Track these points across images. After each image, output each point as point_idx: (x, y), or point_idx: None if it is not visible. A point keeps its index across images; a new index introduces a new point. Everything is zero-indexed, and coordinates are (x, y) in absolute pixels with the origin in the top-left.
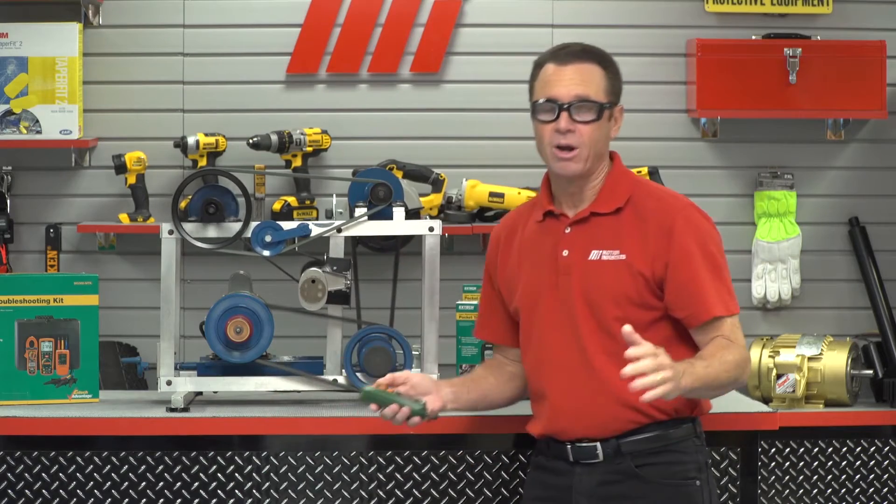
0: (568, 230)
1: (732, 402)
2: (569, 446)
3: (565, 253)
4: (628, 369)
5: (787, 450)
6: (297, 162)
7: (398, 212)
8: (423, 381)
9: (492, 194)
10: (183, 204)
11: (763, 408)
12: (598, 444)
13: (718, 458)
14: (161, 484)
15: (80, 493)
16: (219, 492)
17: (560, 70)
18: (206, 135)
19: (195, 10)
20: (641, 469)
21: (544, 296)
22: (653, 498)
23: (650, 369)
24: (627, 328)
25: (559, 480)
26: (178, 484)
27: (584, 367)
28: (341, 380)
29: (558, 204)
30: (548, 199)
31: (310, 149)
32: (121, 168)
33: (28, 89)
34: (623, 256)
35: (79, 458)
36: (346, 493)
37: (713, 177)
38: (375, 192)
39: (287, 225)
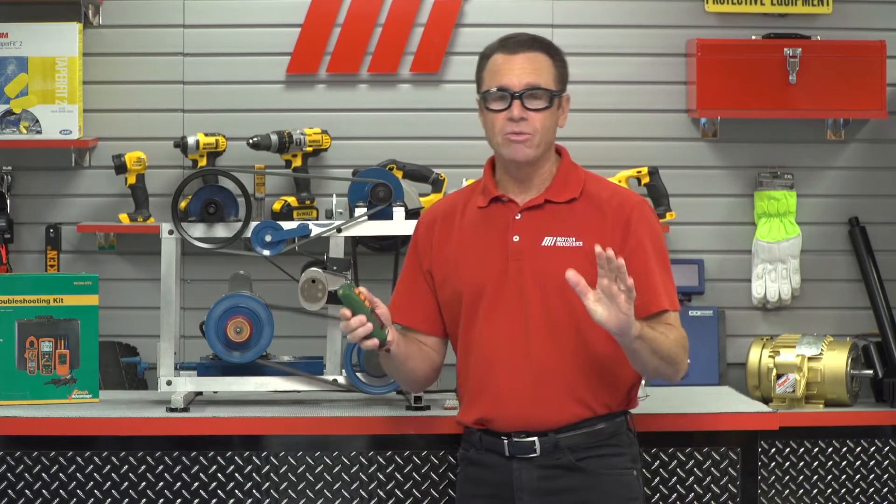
0: (518, 216)
1: (732, 403)
2: (505, 440)
3: (516, 238)
4: (574, 274)
5: (787, 450)
6: (297, 162)
7: (398, 212)
8: (388, 316)
9: None
10: (183, 204)
11: (763, 408)
12: (536, 438)
13: (718, 458)
14: (161, 484)
15: (80, 493)
16: (219, 492)
17: (510, 59)
18: (206, 135)
19: (195, 10)
20: (583, 462)
21: (491, 281)
22: (597, 489)
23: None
24: (571, 271)
25: (495, 476)
26: (178, 484)
27: (529, 355)
28: (341, 380)
29: (504, 190)
30: (493, 185)
31: (310, 149)
32: (121, 168)
33: (28, 89)
34: (580, 244)
35: (79, 458)
36: (346, 493)
37: (713, 177)
38: (375, 192)
39: (287, 225)
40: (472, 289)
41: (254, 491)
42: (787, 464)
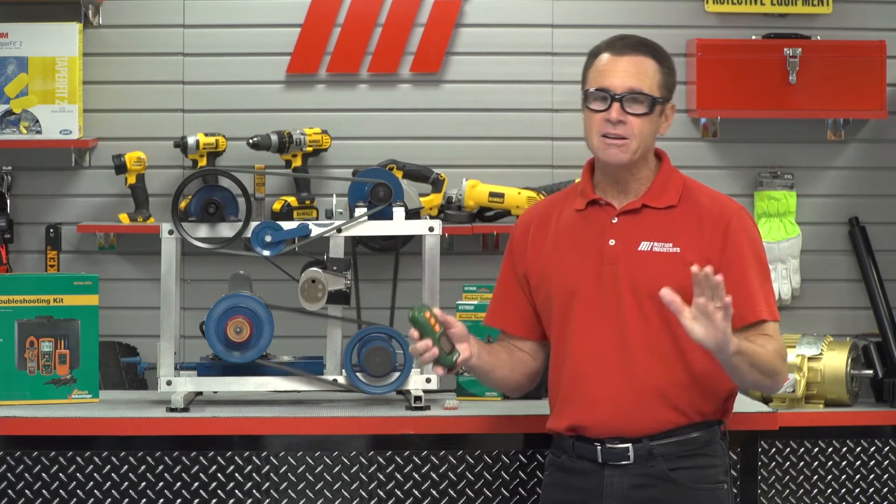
0: (615, 220)
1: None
2: (598, 447)
3: (612, 242)
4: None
5: (787, 450)
6: (297, 162)
7: (398, 212)
8: (464, 332)
9: (492, 194)
10: (183, 204)
11: (763, 408)
12: (630, 445)
13: None
14: (161, 484)
15: (80, 493)
16: (219, 492)
17: (615, 60)
18: (206, 135)
19: (195, 10)
20: (674, 472)
21: (585, 284)
22: (686, 502)
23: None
24: (666, 290)
25: (586, 482)
26: (178, 484)
27: (624, 360)
28: (341, 380)
29: (602, 193)
30: (591, 189)
31: (310, 149)
32: (121, 168)
33: (28, 89)
34: (677, 249)
35: (79, 458)
36: (346, 493)
37: (713, 177)
38: (375, 192)
39: (287, 225)
40: (565, 292)
41: (254, 491)
42: (787, 464)
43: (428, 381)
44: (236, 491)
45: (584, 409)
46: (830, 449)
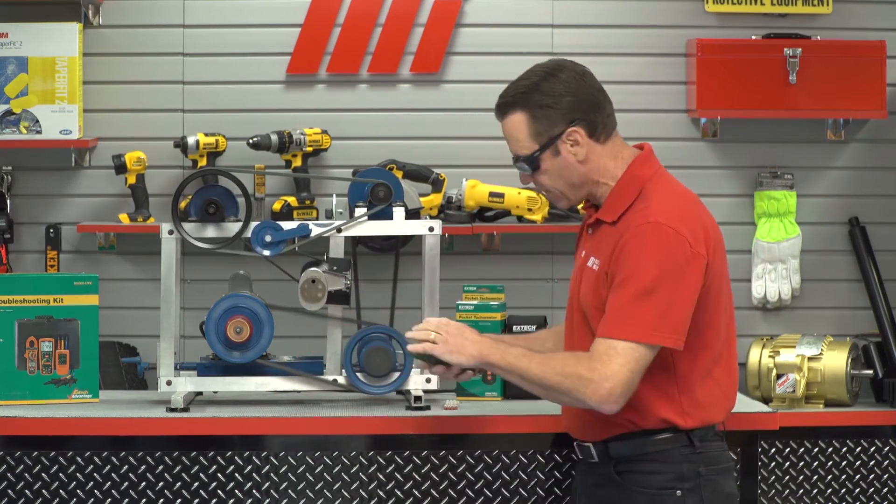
0: (590, 231)
1: None
2: (575, 444)
3: (583, 255)
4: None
5: (787, 450)
6: (297, 162)
7: (398, 212)
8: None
9: (492, 194)
10: (183, 204)
11: (763, 408)
12: (591, 444)
13: None
14: (161, 484)
15: (81, 493)
16: (219, 492)
17: (502, 128)
18: (206, 135)
19: (195, 10)
20: (621, 476)
21: (571, 297)
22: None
23: (422, 331)
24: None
25: (577, 478)
26: (178, 484)
27: None
28: (341, 380)
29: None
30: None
31: (310, 149)
32: (121, 168)
33: (28, 89)
34: (596, 266)
35: (79, 458)
36: (346, 493)
37: (713, 177)
38: (375, 192)
39: (287, 225)
40: (568, 305)
41: (254, 491)
42: (787, 464)
43: (428, 381)
44: (236, 491)
45: (564, 412)
46: (830, 449)
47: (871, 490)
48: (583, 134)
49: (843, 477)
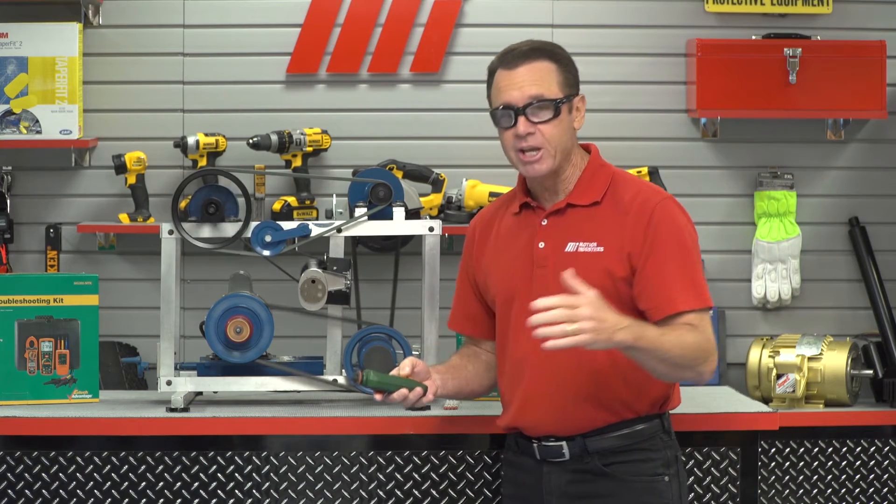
0: (544, 222)
1: (732, 403)
2: (535, 444)
3: (541, 245)
4: (533, 318)
5: (787, 450)
6: (297, 162)
7: (398, 212)
8: (424, 368)
9: (492, 194)
10: (183, 204)
11: (763, 408)
12: (564, 443)
13: (718, 458)
14: (161, 484)
15: (81, 493)
16: (219, 492)
17: (510, 75)
18: (206, 135)
19: (195, 10)
20: (610, 468)
21: (520, 288)
22: (623, 496)
23: (559, 319)
24: (569, 273)
25: (529, 478)
26: (178, 484)
27: (552, 363)
28: (341, 380)
29: (535, 196)
30: (523, 192)
31: (310, 149)
32: (121, 168)
33: (28, 89)
34: (601, 248)
35: (79, 458)
36: (346, 493)
37: (713, 177)
38: (375, 192)
39: (287, 225)
40: (504, 296)
41: (254, 491)
42: (787, 464)
43: None
44: (236, 491)
45: (521, 410)
46: (830, 449)
47: (871, 490)
48: (583, 107)
49: (843, 477)
